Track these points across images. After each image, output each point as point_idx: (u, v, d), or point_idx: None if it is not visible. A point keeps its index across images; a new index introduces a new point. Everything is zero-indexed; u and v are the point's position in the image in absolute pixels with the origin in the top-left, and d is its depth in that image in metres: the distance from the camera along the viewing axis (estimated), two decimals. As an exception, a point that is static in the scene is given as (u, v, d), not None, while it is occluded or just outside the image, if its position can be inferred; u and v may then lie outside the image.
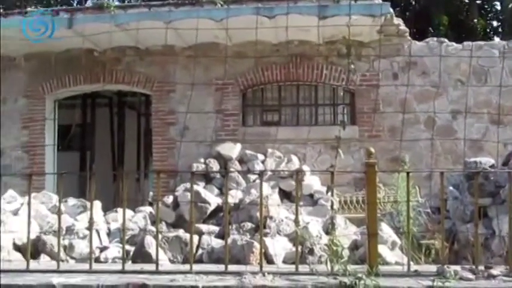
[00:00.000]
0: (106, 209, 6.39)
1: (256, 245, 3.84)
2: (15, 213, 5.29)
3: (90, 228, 3.44)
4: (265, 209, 4.27)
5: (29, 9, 10.16)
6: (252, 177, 8.41)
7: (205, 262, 3.98)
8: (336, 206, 6.62)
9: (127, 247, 4.31)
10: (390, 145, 8.94)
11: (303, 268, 3.25)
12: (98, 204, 6.24)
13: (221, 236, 4.54)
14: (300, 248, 3.46)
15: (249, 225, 4.51)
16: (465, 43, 9.65)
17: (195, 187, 5.31)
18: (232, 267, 3.28)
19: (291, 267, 3.30)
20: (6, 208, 5.21)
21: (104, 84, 10.27)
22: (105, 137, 13.56)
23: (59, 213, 3.46)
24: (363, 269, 3.12)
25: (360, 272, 3.00)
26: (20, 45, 9.72)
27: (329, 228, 4.26)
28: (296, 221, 3.30)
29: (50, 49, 9.97)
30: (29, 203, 3.57)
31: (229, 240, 3.70)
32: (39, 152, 10.32)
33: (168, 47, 9.66)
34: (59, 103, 10.83)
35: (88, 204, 5.77)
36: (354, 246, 4.09)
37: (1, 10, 12.40)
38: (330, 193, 7.36)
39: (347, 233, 3.74)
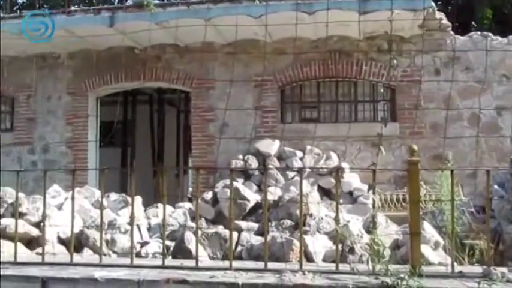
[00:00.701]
0: (146, 205, 6.47)
1: (296, 242, 3.82)
2: (60, 207, 5.42)
3: (131, 223, 3.49)
4: (305, 206, 4.23)
5: (73, 8, 10.36)
6: (291, 174, 8.37)
7: (245, 259, 3.98)
8: (377, 204, 6.54)
9: (167, 242, 4.35)
10: (432, 142, 8.74)
11: (343, 267, 3.20)
12: (138, 200, 6.33)
13: (260, 233, 4.53)
14: (340, 246, 3.40)
15: (288, 222, 4.48)
16: (510, 37, 9.34)
17: (235, 184, 5.31)
18: (271, 265, 3.26)
19: (331, 266, 3.25)
20: (51, 202, 5.34)
21: (144, 81, 10.44)
22: (146, 134, 13.78)
23: (101, 208, 3.52)
24: (405, 269, 3.05)
25: (402, 272, 2.93)
26: (64, 44, 9.97)
27: (370, 227, 4.20)
28: (336, 219, 3.26)
29: (92, 47, 10.19)
30: (72, 198, 3.64)
31: (268, 238, 3.68)
32: (82, 148, 10.58)
33: (207, 44, 9.72)
34: (101, 100, 11.06)
35: (129, 199, 5.86)
36: (395, 246, 4.01)
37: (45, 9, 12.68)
38: (371, 191, 7.27)
39: (388, 231, 3.66)
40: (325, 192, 7.98)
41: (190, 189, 10.27)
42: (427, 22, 8.83)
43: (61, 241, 4.64)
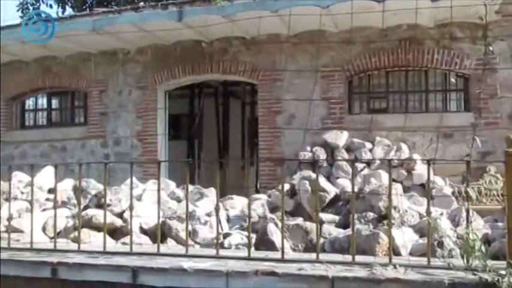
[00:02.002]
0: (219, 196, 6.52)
1: (383, 235, 3.74)
2: (139, 198, 5.56)
3: (216, 214, 3.52)
4: (388, 198, 4.13)
5: (141, 4, 10.59)
6: (360, 165, 8.23)
7: (328, 251, 3.93)
8: (459, 197, 6.31)
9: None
10: (510, 133, 8.33)
11: (434, 261, 3.10)
12: (213, 191, 6.41)
13: (341, 225, 4.47)
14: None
15: (371, 215, 4.39)
16: None
17: (313, 175, 5.27)
18: (359, 258, 3.20)
19: (422, 260, 3.16)
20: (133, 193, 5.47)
21: (212, 74, 10.55)
22: (211, 126, 13.93)
23: (186, 199, 3.58)
24: (501, 265, 2.91)
25: (499, 268, 2.80)
26: (133, 39, 10.22)
27: (456, 220, 4.05)
28: (428, 212, 3.15)
29: (161, 42, 10.38)
30: (158, 189, 3.72)
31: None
32: (152, 141, 10.81)
33: (274, 36, 9.70)
34: (170, 94, 11.26)
35: (204, 191, 5.95)
36: (485, 240, 3.85)
37: (115, 6, 13.04)
38: (447, 183, 7.04)
39: (475, 225, 3.51)
40: (396, 185, 7.78)
41: (257, 181, 10.30)
42: (504, 7, 8.43)
43: (144, 231, 4.75)
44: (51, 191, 6.27)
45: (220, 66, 10.30)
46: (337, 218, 4.66)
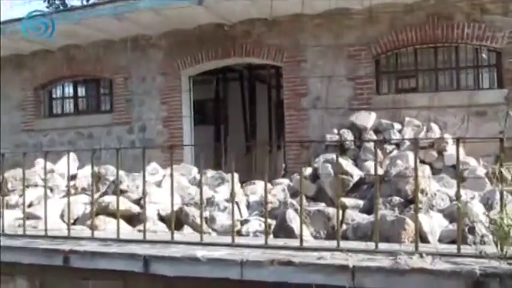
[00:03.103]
0: (242, 181, 6.38)
1: (409, 221, 3.51)
2: (158, 184, 5.45)
3: (232, 201, 3.35)
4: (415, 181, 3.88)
5: None
6: (389, 147, 7.94)
7: (350, 239, 3.72)
8: (493, 178, 5.98)
9: (269, 220, 4.21)
10: (546, 108, 7.91)
11: (464, 249, 2.86)
12: (235, 176, 6.25)
13: (366, 210, 4.25)
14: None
15: (397, 199, 4.15)
16: None
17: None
18: (382, 246, 2.99)
19: (451, 248, 2.91)
20: (150, 180, 5.37)
21: (235, 58, 10.35)
22: (238, 111, 13.81)
23: (200, 185, 3.42)
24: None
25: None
26: (154, 25, 10.09)
27: (489, 203, 3.79)
28: (457, 195, 2.90)
29: (182, 27, 10.22)
30: (171, 175, 3.57)
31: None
32: (177, 126, 10.73)
33: (297, 16, 9.44)
34: (194, 79, 11.13)
35: (226, 176, 5.79)
36: (521, 225, 3.56)
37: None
38: (480, 164, 6.71)
39: (510, 209, 3.23)
40: (426, 167, 7.48)
41: (284, 165, 10.11)
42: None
43: (161, 218, 4.64)
44: (73, 177, 6.23)
45: (243, 49, 10.10)
46: (361, 202, 4.42)
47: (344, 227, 3.93)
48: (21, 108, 12.34)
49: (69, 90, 12.58)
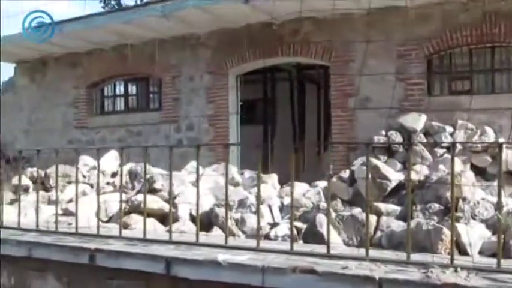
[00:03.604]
0: (284, 182, 6.25)
1: (446, 231, 3.27)
2: (194, 184, 5.39)
3: (258, 203, 3.22)
4: (457, 188, 3.63)
5: None
6: (440, 151, 7.59)
7: (385, 247, 3.52)
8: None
9: (299, 224, 4.07)
10: None
11: (506, 264, 2.61)
12: (274, 177, 6.13)
13: (403, 217, 4.01)
14: (502, 237, 2.79)
15: (436, 206, 3.90)
16: None
17: (374, 161, 4.81)
18: (415, 257, 2.78)
19: (491, 262, 2.67)
20: (187, 179, 5.34)
21: (282, 57, 10.23)
22: (286, 111, 13.68)
23: (226, 187, 3.30)
24: None
25: None
26: (203, 24, 10.11)
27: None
28: (498, 204, 2.66)
29: (230, 26, 10.20)
30: (197, 173, 3.48)
31: (412, 224, 3.19)
32: (223, 125, 10.72)
33: (346, 15, 9.20)
34: (241, 79, 11.09)
35: (265, 177, 5.67)
36: None
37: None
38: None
39: None
40: (479, 172, 7.07)
41: (331, 166, 9.90)
42: None
43: (193, 219, 4.57)
44: (114, 175, 6.29)
45: (290, 49, 9.97)
46: (398, 209, 4.19)
47: (378, 234, 3.73)
48: (74, 106, 12.69)
49: (120, 88, 12.85)
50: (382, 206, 4.17)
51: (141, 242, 3.44)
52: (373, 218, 3.81)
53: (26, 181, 6.29)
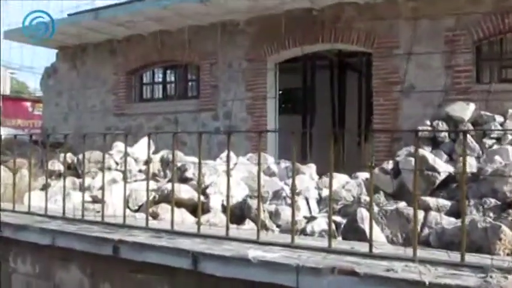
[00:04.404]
0: (323, 173, 5.95)
1: (505, 229, 2.93)
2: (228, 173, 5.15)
3: (292, 195, 2.95)
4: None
5: None
6: (488, 142, 7.12)
7: (433, 246, 3.19)
8: None
9: (338, 219, 3.77)
10: None
11: None
12: (312, 168, 5.84)
13: (454, 213, 3.66)
14: None
15: (492, 201, 3.53)
16: None
17: (422, 151, 4.44)
18: (470, 258, 2.46)
19: (560, 267, 2.34)
20: (221, 168, 5.11)
21: (323, 44, 9.88)
22: (326, 100, 13.31)
23: (258, 177, 3.04)
24: None
25: None
26: (242, 10, 9.85)
27: None
28: None
29: (270, 12, 9.89)
30: (227, 164, 3.23)
31: (466, 220, 2.86)
32: (261, 114, 10.48)
33: (390, 0, 8.75)
34: (280, 67, 10.80)
35: (300, 167, 5.39)
36: None
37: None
38: None
39: None
40: (533, 165, 6.60)
41: (374, 157, 9.52)
42: None
43: (225, 210, 4.33)
44: (147, 162, 6.13)
45: (331, 35, 9.60)
46: (448, 203, 3.83)
47: (426, 231, 3.40)
48: (113, 92, 12.68)
49: (158, 75, 12.77)
50: (431, 201, 3.82)
51: (168, 234, 3.23)
52: (420, 214, 3.49)
53: (59, 167, 6.21)
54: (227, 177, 3.16)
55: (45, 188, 5.30)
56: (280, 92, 10.95)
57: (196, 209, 4.15)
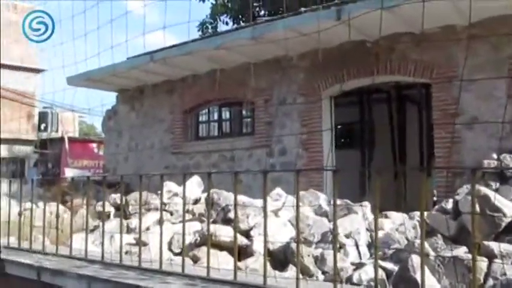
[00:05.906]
0: (381, 212, 5.60)
1: None
2: (276, 213, 4.93)
3: (333, 240, 2.68)
4: None
5: (302, 9, 10.09)
6: None
7: (498, 299, 2.81)
8: None
9: (390, 266, 3.44)
10: None
11: None
12: (366, 207, 5.50)
13: (522, 261, 3.26)
14: None
15: None
16: None
17: (484, 189, 4.04)
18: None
19: None
20: (268, 207, 4.88)
21: (378, 76, 9.58)
22: (385, 134, 12.92)
23: (297, 220, 2.80)
24: None
25: None
26: (295, 45, 9.76)
27: None
28: None
29: (322, 45, 9.73)
30: (264, 204, 3.01)
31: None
32: (317, 149, 10.24)
33: (448, 28, 8.42)
34: (335, 101, 10.58)
35: (353, 206, 5.06)
36: None
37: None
38: None
39: None
40: None
41: (435, 191, 9.01)
42: None
43: (270, 253, 4.09)
44: (196, 202, 6.01)
45: (387, 67, 9.32)
46: (516, 250, 3.41)
47: (491, 282, 3.00)
48: (170, 132, 12.85)
49: (213, 113, 12.86)
50: (495, 246, 3.40)
51: (203, 281, 3.02)
52: (483, 262, 3.10)
53: (110, 208, 6.20)
54: (264, 218, 2.93)
55: (87, 229, 5.26)
56: (338, 126, 10.67)
57: (240, 252, 3.95)
